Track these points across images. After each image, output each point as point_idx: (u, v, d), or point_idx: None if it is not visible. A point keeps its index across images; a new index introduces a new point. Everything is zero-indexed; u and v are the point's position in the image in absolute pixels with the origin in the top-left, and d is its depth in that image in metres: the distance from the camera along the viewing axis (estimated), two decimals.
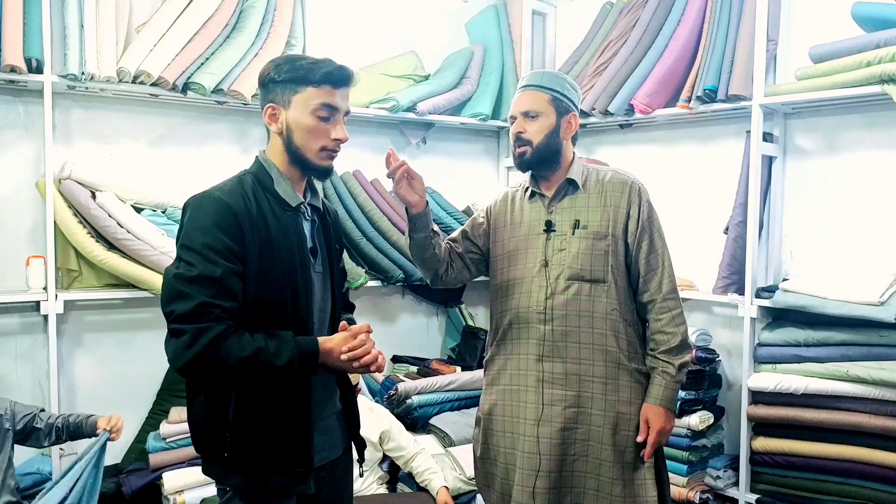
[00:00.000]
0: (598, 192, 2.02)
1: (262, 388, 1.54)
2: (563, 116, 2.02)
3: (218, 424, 1.54)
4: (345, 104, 1.63)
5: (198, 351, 1.42)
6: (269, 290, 1.54)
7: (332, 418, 1.71)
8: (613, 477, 1.95)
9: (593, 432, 1.97)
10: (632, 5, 3.38)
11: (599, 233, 1.98)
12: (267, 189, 1.59)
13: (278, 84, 1.58)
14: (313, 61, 1.59)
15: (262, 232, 1.53)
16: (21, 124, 2.71)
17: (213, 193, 1.53)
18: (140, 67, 2.66)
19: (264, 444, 1.55)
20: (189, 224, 1.51)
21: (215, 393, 1.55)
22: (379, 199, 3.33)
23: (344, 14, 3.44)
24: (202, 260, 1.46)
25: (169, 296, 1.47)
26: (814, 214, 2.91)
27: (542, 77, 2.04)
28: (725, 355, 3.12)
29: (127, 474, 2.76)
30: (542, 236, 2.02)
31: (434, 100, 3.43)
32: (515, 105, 2.04)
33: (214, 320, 1.44)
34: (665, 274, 1.99)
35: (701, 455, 2.95)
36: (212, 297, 1.44)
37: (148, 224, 2.72)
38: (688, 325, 2.02)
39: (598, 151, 3.67)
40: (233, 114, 3.09)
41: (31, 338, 2.73)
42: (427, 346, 3.75)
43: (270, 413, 1.55)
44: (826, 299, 2.58)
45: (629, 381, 1.98)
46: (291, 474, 1.57)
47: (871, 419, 2.50)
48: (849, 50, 2.56)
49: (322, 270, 1.69)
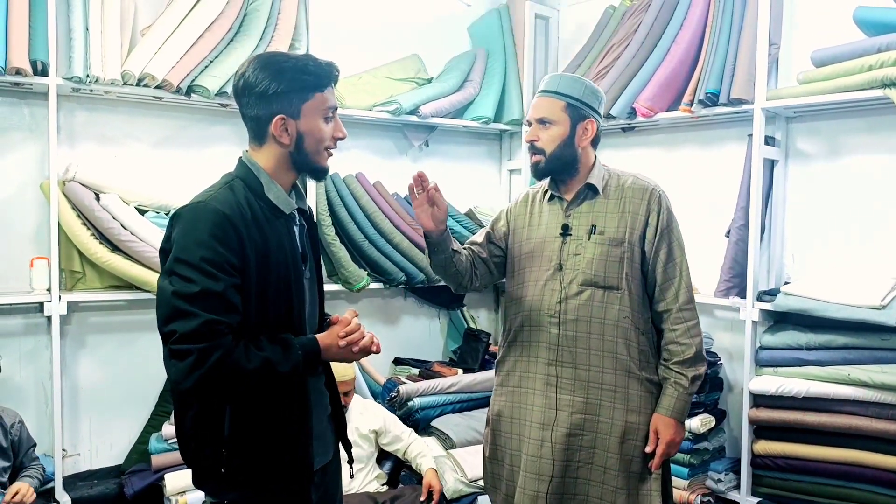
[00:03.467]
0: (617, 197, 1.99)
1: (258, 398, 1.48)
2: (579, 123, 1.97)
3: (213, 439, 1.48)
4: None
5: (206, 371, 1.35)
6: (268, 300, 1.49)
7: (325, 422, 1.69)
8: (618, 486, 1.92)
9: (600, 440, 1.94)
10: (634, 9, 3.39)
11: (615, 239, 1.94)
12: (258, 195, 1.52)
13: (282, 95, 1.50)
14: (315, 63, 1.54)
15: (259, 242, 1.48)
16: (26, 126, 2.72)
17: (208, 204, 1.45)
18: (144, 70, 2.68)
19: (263, 456, 1.51)
20: (184, 237, 1.42)
21: (208, 406, 1.49)
22: (381, 202, 3.34)
23: (347, 17, 3.45)
24: (201, 275, 1.38)
25: (168, 314, 1.38)
26: (815, 218, 2.91)
27: (559, 82, 1.99)
28: (727, 358, 3.12)
29: (129, 475, 2.77)
30: (559, 239, 2.00)
31: (437, 103, 3.44)
32: (532, 110, 2.02)
33: (220, 337, 1.37)
34: (682, 284, 1.95)
35: (702, 458, 2.95)
36: (215, 313, 1.38)
37: (151, 226, 2.73)
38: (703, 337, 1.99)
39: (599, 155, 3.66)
40: (236, 116, 3.05)
41: (35, 339, 2.74)
42: (429, 348, 3.76)
43: (269, 424, 1.50)
44: (827, 303, 2.58)
45: (639, 390, 1.95)
46: (292, 485, 1.54)
47: (872, 423, 2.50)
48: (851, 54, 2.57)
49: (311, 276, 1.66)
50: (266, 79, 1.50)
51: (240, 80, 1.54)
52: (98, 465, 2.88)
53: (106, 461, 2.90)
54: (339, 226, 3.23)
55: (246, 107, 1.55)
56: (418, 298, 3.72)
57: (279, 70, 1.50)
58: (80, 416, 2.86)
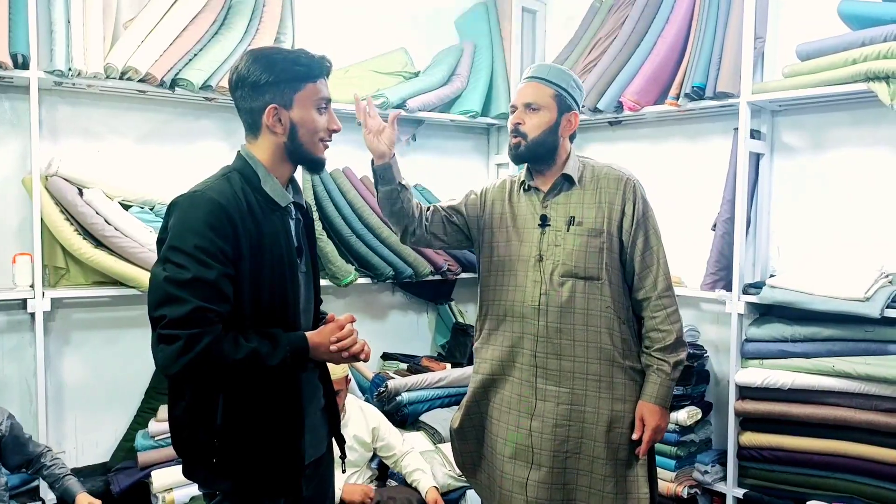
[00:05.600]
0: (593, 188, 2.01)
1: (250, 389, 1.50)
2: (565, 114, 2.00)
3: (205, 429, 1.50)
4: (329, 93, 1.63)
5: (193, 357, 1.37)
6: (261, 291, 1.51)
7: (318, 415, 1.71)
8: (606, 474, 1.96)
9: (587, 430, 1.97)
10: (620, 3, 3.39)
11: (594, 230, 1.96)
12: (255, 188, 1.55)
13: (274, 85, 1.53)
14: (307, 56, 1.58)
15: (253, 233, 1.50)
16: (7, 121, 2.68)
17: (205, 193, 1.47)
18: (128, 63, 2.65)
19: (255, 447, 1.52)
20: (179, 225, 1.45)
21: (201, 395, 1.51)
22: (369, 196, 3.32)
23: (333, 11, 3.43)
24: (194, 262, 1.40)
25: (159, 299, 1.40)
26: (801, 211, 2.93)
27: (549, 71, 2.01)
28: (713, 351, 3.14)
29: (115, 473, 2.76)
30: (537, 230, 2.01)
31: (424, 97, 3.42)
32: (519, 95, 2.02)
33: (209, 325, 1.39)
34: (660, 272, 1.98)
35: (689, 450, 2.98)
36: (206, 300, 1.39)
37: (136, 221, 2.71)
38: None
39: (587, 148, 3.68)
40: (221, 110, 3.08)
41: (18, 336, 2.71)
42: (417, 343, 3.75)
43: (261, 415, 1.52)
44: (812, 295, 2.60)
45: (623, 379, 1.98)
46: (282, 476, 1.55)
47: (856, 414, 2.53)
48: (835, 48, 2.59)
49: (306, 270, 1.68)
50: (258, 70, 1.54)
51: (234, 74, 1.58)
52: (84, 462, 2.86)
53: (92, 458, 2.88)
54: (326, 220, 3.22)
55: (240, 99, 1.58)
56: (406, 293, 3.71)
57: (271, 62, 1.55)
58: (65, 413, 2.83)
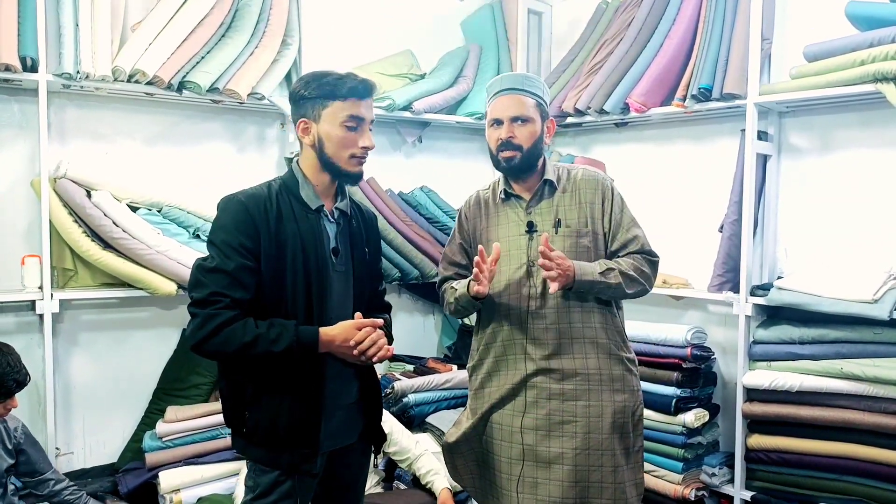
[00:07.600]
0: (572, 190, 2.06)
1: (277, 371, 1.70)
2: (545, 122, 2.06)
3: (239, 401, 1.75)
4: (370, 114, 1.78)
5: (205, 334, 1.62)
6: (283, 284, 1.70)
7: (347, 408, 1.84)
8: (616, 465, 1.99)
9: (593, 424, 1.99)
10: (627, 4, 3.39)
11: (580, 231, 2.02)
12: (292, 193, 1.76)
13: (308, 100, 1.74)
14: (338, 77, 1.74)
15: (273, 230, 1.70)
16: (16, 123, 2.70)
17: (236, 196, 1.73)
18: (135, 66, 2.66)
19: (276, 423, 1.71)
20: (215, 222, 1.73)
21: (231, 374, 1.75)
22: (375, 199, 3.32)
23: (340, 13, 3.44)
24: (220, 254, 1.66)
25: (191, 283, 1.69)
26: (808, 213, 2.92)
27: (523, 81, 2.04)
28: (720, 353, 3.13)
29: (123, 473, 2.77)
30: (524, 237, 2.04)
31: (430, 98, 3.43)
32: (501, 109, 2.02)
33: (223, 308, 1.63)
34: (645, 246, 2.03)
35: (696, 452, 2.96)
36: (223, 287, 1.64)
37: (143, 223, 2.71)
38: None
39: (593, 150, 3.67)
40: (228, 113, 3.09)
41: (27, 337, 2.72)
42: (423, 344, 3.76)
43: (283, 396, 1.71)
44: (820, 297, 2.59)
45: (621, 370, 2.03)
46: (299, 454, 1.73)
47: (865, 416, 2.52)
48: (843, 49, 2.57)
49: (344, 270, 1.82)
50: (300, 86, 1.76)
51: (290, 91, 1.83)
52: (92, 463, 2.87)
53: (100, 459, 2.89)
54: None
55: (292, 113, 1.81)
56: (413, 295, 3.71)
57: (312, 79, 1.75)
58: (73, 414, 2.84)
